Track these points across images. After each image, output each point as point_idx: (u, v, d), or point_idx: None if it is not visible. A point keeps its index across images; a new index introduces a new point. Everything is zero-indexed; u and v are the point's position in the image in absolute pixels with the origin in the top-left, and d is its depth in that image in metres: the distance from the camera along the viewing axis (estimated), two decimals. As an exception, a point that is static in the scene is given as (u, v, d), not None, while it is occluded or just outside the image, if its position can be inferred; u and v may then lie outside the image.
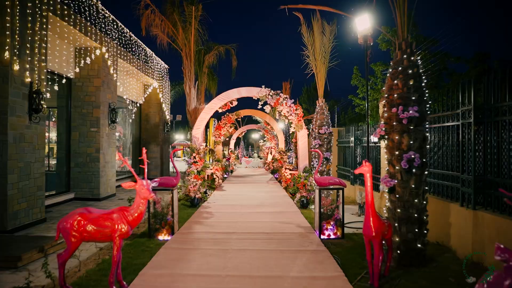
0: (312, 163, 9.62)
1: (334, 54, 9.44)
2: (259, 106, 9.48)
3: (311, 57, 9.41)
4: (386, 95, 4.46)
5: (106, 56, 9.61)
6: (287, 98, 9.15)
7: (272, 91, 9.15)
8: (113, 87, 10.21)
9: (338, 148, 11.64)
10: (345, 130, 11.24)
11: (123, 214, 3.56)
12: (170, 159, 6.62)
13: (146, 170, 3.81)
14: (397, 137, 4.28)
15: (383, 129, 4.41)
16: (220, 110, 9.82)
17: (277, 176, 15.33)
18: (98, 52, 9.30)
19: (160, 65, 14.91)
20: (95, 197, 9.24)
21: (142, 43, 12.85)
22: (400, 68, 4.33)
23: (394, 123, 4.29)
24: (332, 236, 5.49)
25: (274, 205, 8.30)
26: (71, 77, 9.28)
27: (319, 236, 5.46)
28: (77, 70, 9.22)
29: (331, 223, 5.53)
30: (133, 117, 13.53)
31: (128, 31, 11.48)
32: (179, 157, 33.74)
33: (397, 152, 4.28)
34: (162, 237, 5.56)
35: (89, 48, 9.27)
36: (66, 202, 8.91)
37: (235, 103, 9.75)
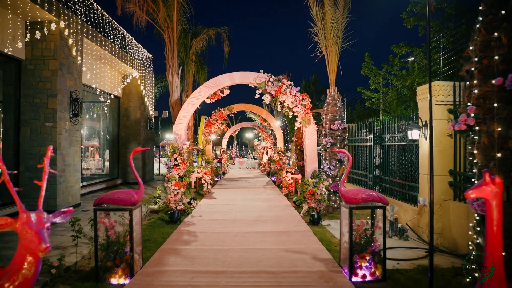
0: (321, 167, 7.83)
1: (349, 33, 7.69)
2: (257, 96, 7.66)
3: (321, 35, 7.63)
4: (476, 59, 2.69)
5: (66, 33, 7.69)
6: (291, 85, 7.36)
7: (272, 77, 7.34)
8: (77, 73, 8.29)
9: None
10: (357, 127, 9.52)
11: (-12, 283, 1.74)
12: (129, 163, 4.73)
13: (42, 193, 1.99)
14: (499, 128, 2.51)
15: (472, 115, 2.64)
16: (208, 101, 7.96)
17: (274, 179, 13.57)
18: (53, 26, 7.38)
19: (142, 53, 13.02)
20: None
21: (119, 26, 10.98)
22: (503, 12, 2.57)
23: (495, 105, 2.52)
24: (369, 278, 3.71)
25: (276, 221, 6.50)
26: (18, 57, 7.33)
27: (350, 278, 3.68)
28: (20, 45, 7.21)
29: (367, 257, 3.76)
30: (105, 111, 11.60)
31: (99, 7, 9.58)
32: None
33: (499, 154, 2.51)
34: (116, 280, 3.73)
35: (40, 20, 7.35)
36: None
37: (226, 92, 7.89)
